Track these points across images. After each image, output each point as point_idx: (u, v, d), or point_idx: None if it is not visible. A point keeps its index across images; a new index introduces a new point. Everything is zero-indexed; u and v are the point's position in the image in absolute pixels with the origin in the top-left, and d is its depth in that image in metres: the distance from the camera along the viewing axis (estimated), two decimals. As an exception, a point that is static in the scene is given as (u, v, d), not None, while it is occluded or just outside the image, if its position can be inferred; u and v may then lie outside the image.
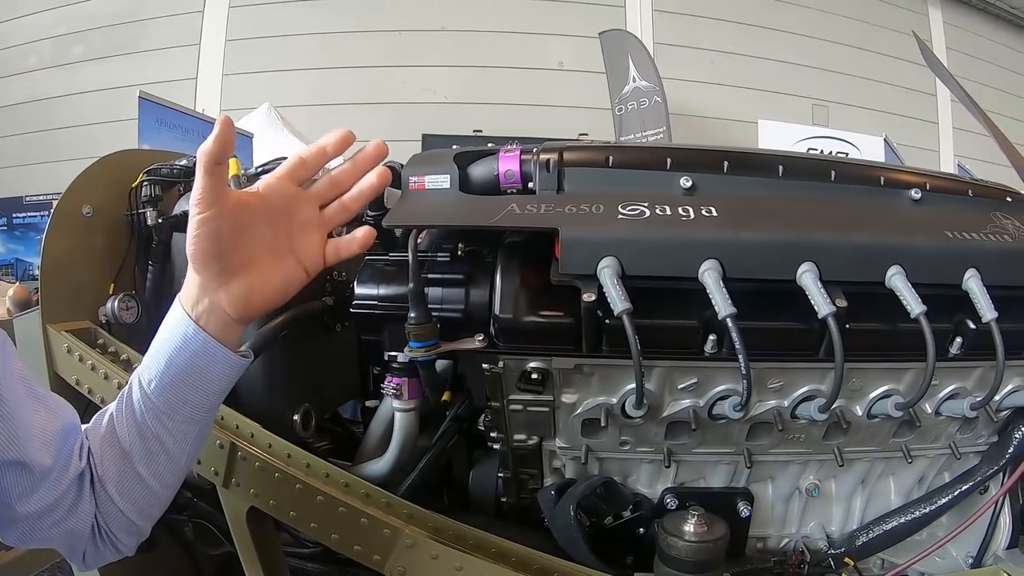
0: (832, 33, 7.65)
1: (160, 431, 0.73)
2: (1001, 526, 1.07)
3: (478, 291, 0.91)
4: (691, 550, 0.85)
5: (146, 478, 0.74)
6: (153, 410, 0.72)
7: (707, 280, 0.80)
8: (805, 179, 0.94)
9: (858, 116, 7.38)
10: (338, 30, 6.51)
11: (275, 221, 0.72)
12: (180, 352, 0.69)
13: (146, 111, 4.09)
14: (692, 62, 7.05)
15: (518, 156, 0.93)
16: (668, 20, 7.12)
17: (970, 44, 8.55)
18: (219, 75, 6.45)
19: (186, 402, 0.72)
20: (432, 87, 6.52)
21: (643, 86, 6.06)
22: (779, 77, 7.34)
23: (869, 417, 0.94)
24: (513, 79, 6.63)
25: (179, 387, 0.71)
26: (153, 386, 0.71)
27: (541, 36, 6.77)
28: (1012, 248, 0.93)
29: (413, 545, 0.89)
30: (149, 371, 0.71)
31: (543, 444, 0.95)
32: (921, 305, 0.82)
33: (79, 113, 6.16)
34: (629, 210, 0.85)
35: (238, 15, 6.47)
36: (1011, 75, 8.76)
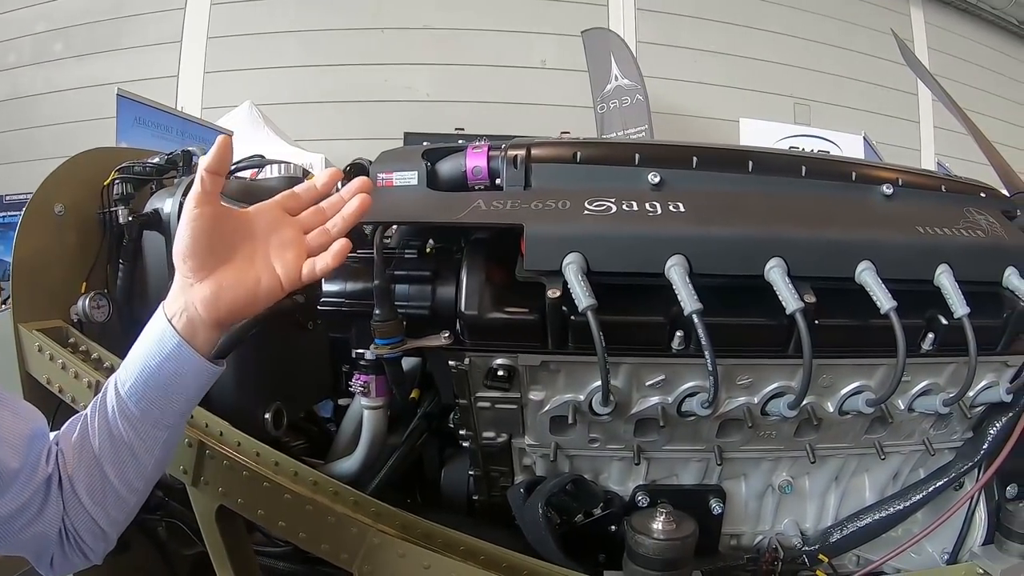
0: (815, 33, 7.69)
1: (130, 434, 0.73)
2: (976, 522, 1.06)
3: (445, 288, 0.90)
4: (659, 548, 0.84)
5: (114, 481, 0.74)
6: (124, 413, 0.73)
7: (673, 276, 0.79)
8: (775, 175, 0.94)
9: (840, 115, 7.42)
10: (320, 28, 6.49)
11: (255, 236, 0.75)
12: (154, 355, 0.71)
13: (124, 109, 4.07)
14: (675, 61, 7.07)
15: (486, 153, 0.92)
16: (651, 19, 7.13)
17: (952, 44, 8.64)
18: (200, 73, 6.42)
19: (155, 406, 0.73)
20: (414, 85, 6.51)
21: (625, 84, 6.06)
22: (762, 76, 7.37)
23: (841, 414, 0.93)
24: (495, 77, 6.62)
25: (151, 390, 0.72)
26: (127, 388, 0.72)
27: (524, 34, 6.77)
28: (984, 244, 0.93)
29: (380, 544, 0.88)
30: (125, 372, 0.73)
31: (512, 442, 0.95)
32: (891, 301, 0.81)
33: (60, 111, 6.10)
34: (595, 206, 0.84)
35: (220, 12, 6.44)
36: (992, 75, 8.86)
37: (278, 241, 0.76)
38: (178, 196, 1.06)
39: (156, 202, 1.09)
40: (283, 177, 1.15)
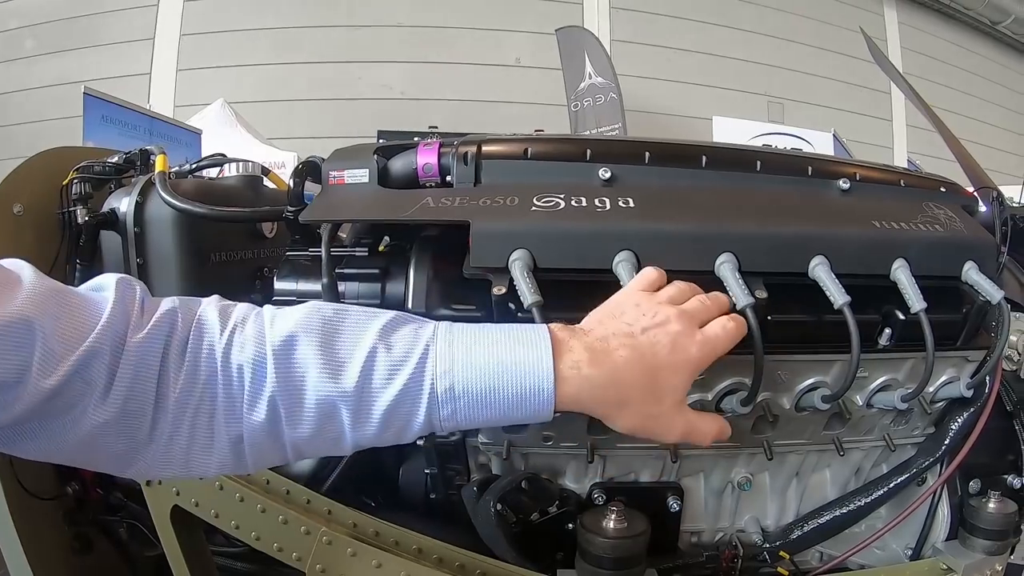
0: (789, 32, 7.77)
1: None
2: (939, 518, 1.06)
3: (394, 285, 0.89)
4: (610, 546, 0.83)
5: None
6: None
7: (620, 272, 0.78)
8: (729, 169, 0.93)
9: (813, 113, 7.50)
10: (295, 25, 6.48)
11: None
12: (510, 382, 0.61)
13: (91, 107, 4.04)
14: (649, 59, 7.11)
15: (436, 149, 0.92)
16: (625, 17, 7.16)
17: (925, 44, 8.76)
18: (173, 70, 6.42)
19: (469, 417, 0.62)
20: (388, 83, 6.51)
21: (599, 82, 6.09)
22: (735, 74, 7.43)
23: (797, 410, 0.92)
24: (470, 75, 6.64)
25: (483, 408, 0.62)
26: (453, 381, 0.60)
27: (498, 32, 6.79)
28: (942, 238, 0.92)
29: (331, 543, 0.88)
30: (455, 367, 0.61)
31: (467, 440, 0.94)
32: (845, 296, 0.81)
33: (32, 109, 6.09)
34: (544, 202, 0.84)
35: (193, 9, 6.43)
36: (965, 75, 9.00)
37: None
38: (134, 195, 1.05)
39: (113, 201, 1.08)
40: (241, 176, 1.15)
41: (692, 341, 0.68)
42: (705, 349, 0.69)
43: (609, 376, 0.64)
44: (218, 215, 1.00)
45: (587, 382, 0.63)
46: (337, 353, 0.60)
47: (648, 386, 0.66)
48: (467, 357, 0.61)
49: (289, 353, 0.60)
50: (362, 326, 0.62)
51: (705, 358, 0.69)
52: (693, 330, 0.69)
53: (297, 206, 0.97)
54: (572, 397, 0.63)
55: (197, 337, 0.60)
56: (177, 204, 0.99)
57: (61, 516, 1.18)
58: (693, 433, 0.71)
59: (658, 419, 0.68)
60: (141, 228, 1.04)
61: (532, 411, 0.62)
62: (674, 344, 0.67)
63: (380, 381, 0.60)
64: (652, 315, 0.68)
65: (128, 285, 0.61)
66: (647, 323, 0.68)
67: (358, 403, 0.60)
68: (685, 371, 0.68)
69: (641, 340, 0.66)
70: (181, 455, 0.60)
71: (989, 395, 0.99)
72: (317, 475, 1.01)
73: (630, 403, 0.66)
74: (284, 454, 0.63)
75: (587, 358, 0.63)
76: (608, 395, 0.65)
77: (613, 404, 0.66)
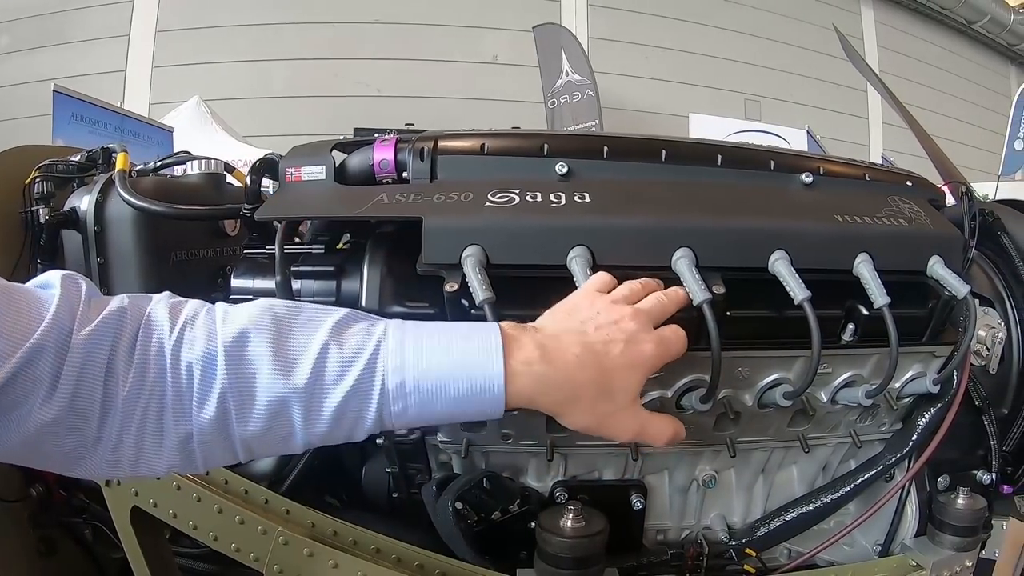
0: (766, 30, 7.82)
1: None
2: (908, 514, 1.06)
3: (350, 283, 0.89)
4: (567, 546, 0.83)
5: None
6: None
7: (574, 268, 0.78)
8: (689, 164, 0.92)
9: (790, 110, 7.55)
10: (271, 21, 6.44)
11: None
12: (463, 380, 0.61)
13: (60, 105, 3.99)
14: (626, 57, 7.12)
15: (393, 146, 0.91)
16: (603, 15, 7.16)
17: (901, 43, 8.87)
18: (149, 67, 6.35)
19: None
20: (365, 80, 6.48)
21: (576, 80, 6.10)
22: (713, 72, 7.47)
23: (760, 407, 0.92)
24: (447, 72, 6.62)
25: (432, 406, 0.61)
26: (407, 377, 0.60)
27: (476, 29, 6.78)
28: (907, 232, 0.91)
29: (287, 543, 0.87)
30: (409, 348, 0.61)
31: (426, 438, 0.93)
32: (805, 291, 0.80)
33: (5, 107, 5.99)
34: (498, 198, 0.83)
35: (169, 5, 6.38)
36: (940, 73, 9.11)
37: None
38: (94, 194, 1.04)
39: (74, 200, 1.07)
40: (203, 174, 1.14)
41: (646, 340, 0.68)
42: (659, 349, 0.69)
43: (561, 373, 0.64)
44: (176, 213, 0.99)
45: (539, 379, 0.63)
46: (289, 350, 0.60)
47: (601, 384, 0.66)
48: (418, 354, 0.61)
49: (240, 350, 0.59)
50: (314, 323, 0.62)
51: (659, 358, 0.69)
52: (648, 329, 0.69)
53: (254, 203, 0.96)
54: (524, 394, 0.63)
55: (146, 334, 0.59)
56: (135, 202, 0.98)
57: (26, 518, 1.17)
58: (646, 433, 0.71)
59: (610, 418, 0.68)
60: (101, 227, 1.03)
61: (483, 408, 0.62)
62: (628, 343, 0.67)
63: (331, 378, 0.59)
64: (607, 313, 0.68)
65: (73, 281, 0.60)
66: (601, 321, 0.67)
67: (309, 400, 0.59)
68: (639, 370, 0.68)
69: (594, 338, 0.66)
70: (130, 455, 0.59)
71: (957, 391, 0.99)
72: (278, 475, 1.00)
73: (582, 401, 0.66)
74: (235, 452, 0.62)
75: (539, 355, 0.63)
76: (560, 392, 0.64)
77: (565, 401, 0.65)
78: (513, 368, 0.62)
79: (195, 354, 0.59)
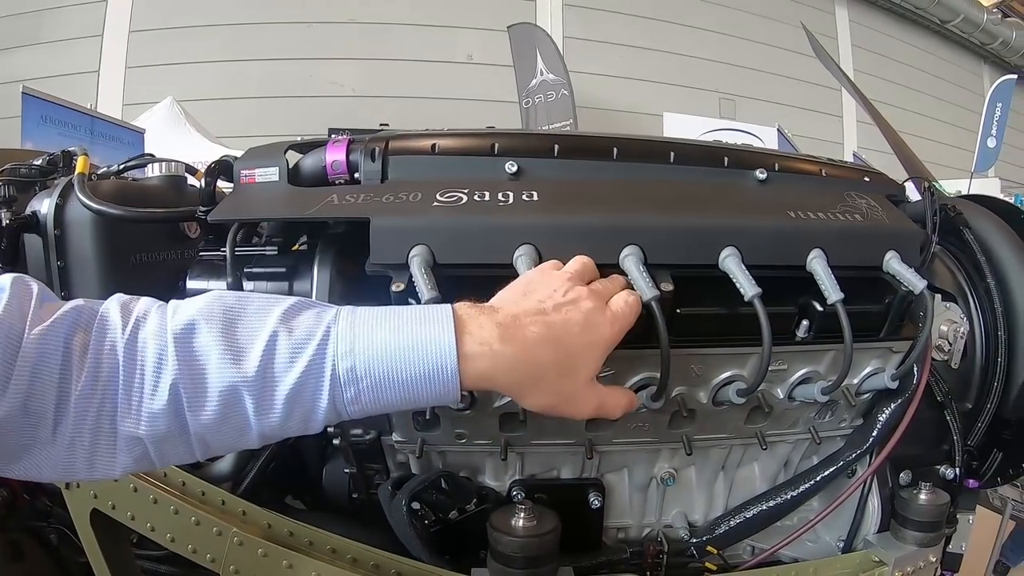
0: (741, 29, 7.88)
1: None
2: (870, 510, 1.06)
3: (301, 284, 0.89)
4: (518, 545, 0.82)
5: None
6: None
7: (520, 267, 0.78)
8: (641, 161, 0.92)
9: (764, 109, 7.60)
10: (246, 21, 6.40)
11: None
12: (413, 363, 0.60)
13: (29, 107, 3.94)
14: (601, 56, 7.14)
15: (345, 147, 0.91)
16: (578, 14, 7.17)
17: (875, 42, 8.95)
18: (122, 68, 6.30)
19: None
20: (340, 80, 6.46)
21: (550, 79, 6.11)
22: (688, 72, 7.51)
23: (715, 404, 0.92)
24: (422, 72, 6.62)
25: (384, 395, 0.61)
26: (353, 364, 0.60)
27: (450, 29, 6.78)
28: (862, 228, 0.91)
29: (242, 544, 0.87)
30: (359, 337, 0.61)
31: (382, 438, 0.93)
32: (755, 288, 0.80)
33: None
34: (446, 197, 0.83)
35: (143, 5, 6.33)
36: (914, 71, 9.24)
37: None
38: (54, 197, 1.04)
39: (35, 204, 1.07)
40: (163, 176, 1.14)
41: (604, 318, 0.69)
42: (615, 327, 0.70)
43: (521, 353, 0.63)
44: (132, 216, 0.99)
45: (498, 359, 0.62)
46: (238, 338, 0.59)
47: (561, 363, 0.66)
48: (369, 337, 0.60)
49: (189, 340, 0.59)
50: (264, 311, 0.61)
51: (616, 335, 0.70)
52: (604, 307, 0.70)
53: (209, 205, 0.96)
54: (482, 374, 0.62)
55: (99, 334, 0.59)
56: (92, 205, 0.98)
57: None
58: (604, 407, 0.72)
59: (571, 396, 0.68)
60: (61, 230, 1.03)
61: (437, 390, 0.61)
62: (587, 321, 0.67)
63: (282, 365, 0.59)
64: (564, 292, 0.68)
65: (24, 283, 0.60)
66: (559, 300, 0.68)
67: (261, 388, 0.59)
68: (598, 348, 0.68)
69: (554, 318, 0.66)
70: (85, 455, 0.59)
71: (917, 386, 0.99)
72: (238, 477, 1.01)
73: (543, 381, 0.66)
74: (190, 446, 0.61)
75: (498, 335, 0.63)
76: (520, 372, 0.64)
77: (526, 382, 0.65)
78: (468, 349, 0.61)
79: (147, 348, 0.58)
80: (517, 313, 0.66)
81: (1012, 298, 1.09)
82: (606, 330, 0.68)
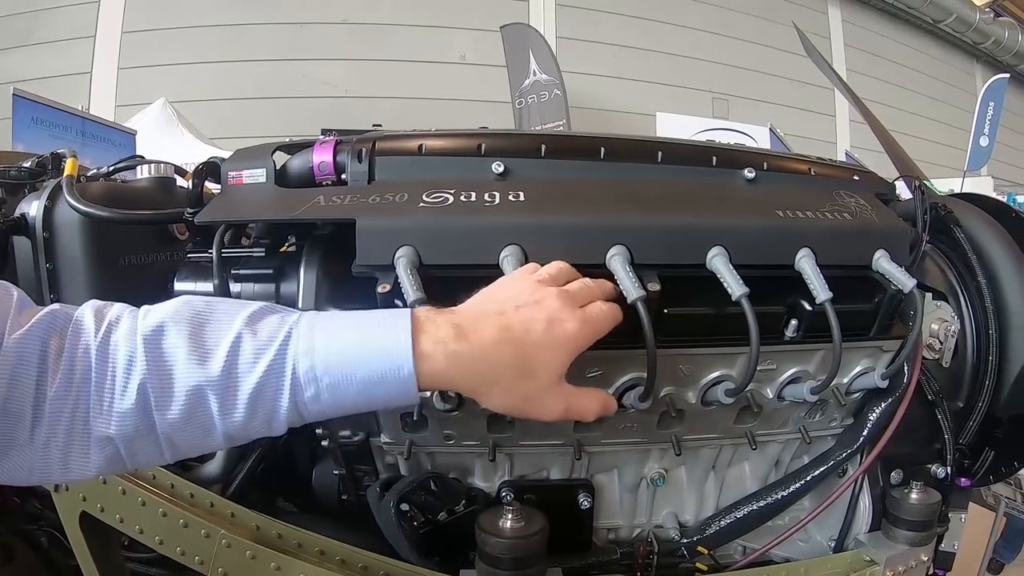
0: (734, 29, 7.90)
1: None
2: (861, 509, 1.05)
3: (288, 286, 0.88)
4: (505, 546, 0.82)
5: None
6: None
7: (506, 267, 0.77)
8: (628, 161, 0.92)
9: (758, 109, 7.62)
10: (238, 22, 6.38)
11: None
12: (373, 358, 0.61)
13: (21, 109, 3.92)
14: (594, 56, 7.14)
15: (332, 148, 0.90)
16: (571, 14, 7.17)
17: (868, 42, 9.00)
18: (115, 69, 6.27)
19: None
20: (333, 81, 6.44)
21: (543, 79, 6.12)
22: (681, 71, 7.53)
23: (704, 404, 0.91)
24: (415, 72, 6.60)
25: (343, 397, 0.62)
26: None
27: (443, 29, 6.76)
28: (851, 227, 0.91)
29: (230, 546, 0.87)
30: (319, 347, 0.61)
31: (371, 440, 0.93)
32: (742, 287, 0.80)
33: None
34: (433, 198, 0.82)
35: (135, 6, 6.29)
36: (906, 71, 9.30)
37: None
38: (43, 200, 1.04)
39: (24, 206, 1.07)
40: (152, 178, 1.13)
41: (570, 318, 0.68)
42: (585, 328, 0.69)
43: (478, 352, 0.64)
44: (119, 217, 0.99)
45: (454, 358, 0.63)
46: (205, 340, 0.61)
47: (519, 364, 0.66)
48: (328, 338, 0.61)
49: (158, 341, 0.60)
50: (231, 315, 0.63)
51: (585, 337, 0.69)
52: (572, 308, 0.69)
53: (197, 207, 0.96)
54: (439, 374, 0.63)
55: (74, 338, 0.60)
56: (80, 207, 0.98)
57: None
58: (573, 410, 0.71)
59: (532, 398, 0.68)
60: (50, 232, 1.03)
61: (395, 390, 0.62)
62: (550, 321, 0.67)
63: (245, 365, 0.60)
64: (529, 293, 0.69)
65: (5, 289, 0.61)
66: (522, 301, 0.68)
67: (224, 388, 0.60)
68: (562, 349, 0.68)
69: (513, 318, 0.66)
70: (59, 456, 0.60)
71: (908, 385, 0.98)
72: (227, 479, 1.00)
73: (501, 381, 0.66)
74: (159, 446, 0.62)
75: (453, 335, 0.63)
76: (477, 372, 0.64)
77: (483, 382, 0.65)
78: (424, 348, 0.62)
79: (118, 350, 0.60)
80: (477, 314, 0.66)
81: (1003, 296, 1.09)
82: (571, 331, 0.67)
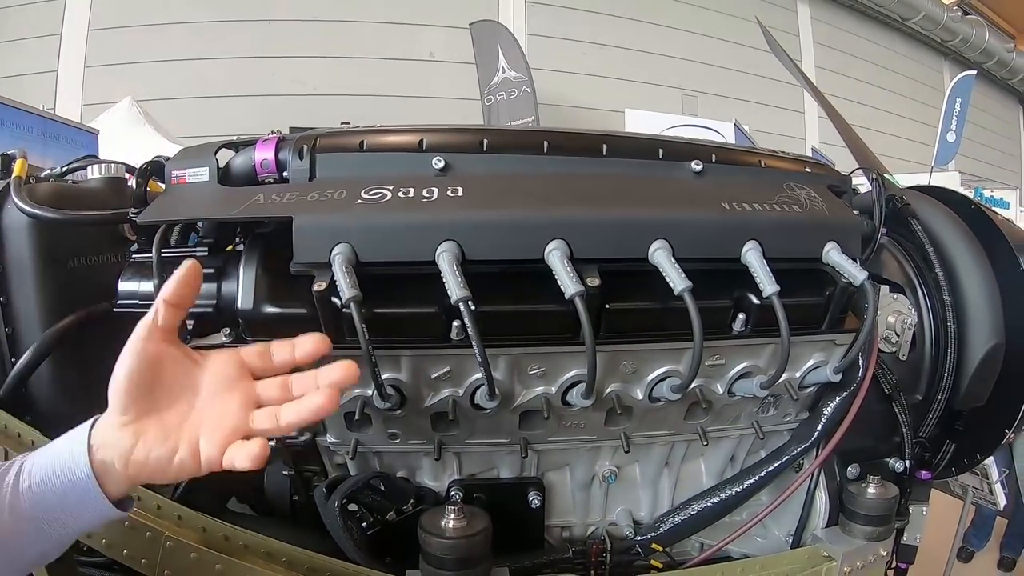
0: (704, 26, 7.95)
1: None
2: (817, 504, 1.05)
3: (229, 285, 0.87)
4: (448, 547, 0.81)
5: None
6: (15, 505, 0.64)
7: (441, 263, 0.77)
8: (573, 155, 0.91)
9: (727, 105, 7.64)
10: (206, 19, 6.27)
11: (199, 393, 0.66)
12: (63, 472, 0.64)
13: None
14: (564, 53, 7.14)
15: (274, 145, 0.90)
16: (540, 11, 7.16)
17: (837, 39, 9.05)
18: (81, 67, 6.14)
19: (45, 522, 0.64)
20: (302, 79, 6.38)
21: (512, 77, 6.09)
22: (651, 68, 7.55)
23: (651, 400, 0.91)
24: (384, 70, 6.56)
25: (47, 506, 0.64)
26: (27, 485, 0.64)
27: (412, 26, 6.72)
28: (799, 219, 0.90)
29: (173, 547, 0.86)
30: (34, 466, 0.65)
31: (317, 440, 0.92)
32: (685, 281, 0.79)
33: None
34: (371, 194, 0.81)
35: (102, 3, 6.18)
36: (876, 68, 9.34)
37: (221, 410, 0.65)
38: (-8, 201, 1.03)
39: (-10, 216, 1.06)
40: (102, 178, 1.13)
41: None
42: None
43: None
44: (67, 219, 0.98)
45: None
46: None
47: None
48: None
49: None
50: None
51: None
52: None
53: (141, 207, 0.95)
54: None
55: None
56: (27, 209, 0.97)
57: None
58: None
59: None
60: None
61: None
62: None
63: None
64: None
65: None
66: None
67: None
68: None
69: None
70: None
71: (862, 379, 0.98)
72: (177, 483, 0.99)
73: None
74: None
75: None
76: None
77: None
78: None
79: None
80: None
81: (961, 288, 1.08)
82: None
